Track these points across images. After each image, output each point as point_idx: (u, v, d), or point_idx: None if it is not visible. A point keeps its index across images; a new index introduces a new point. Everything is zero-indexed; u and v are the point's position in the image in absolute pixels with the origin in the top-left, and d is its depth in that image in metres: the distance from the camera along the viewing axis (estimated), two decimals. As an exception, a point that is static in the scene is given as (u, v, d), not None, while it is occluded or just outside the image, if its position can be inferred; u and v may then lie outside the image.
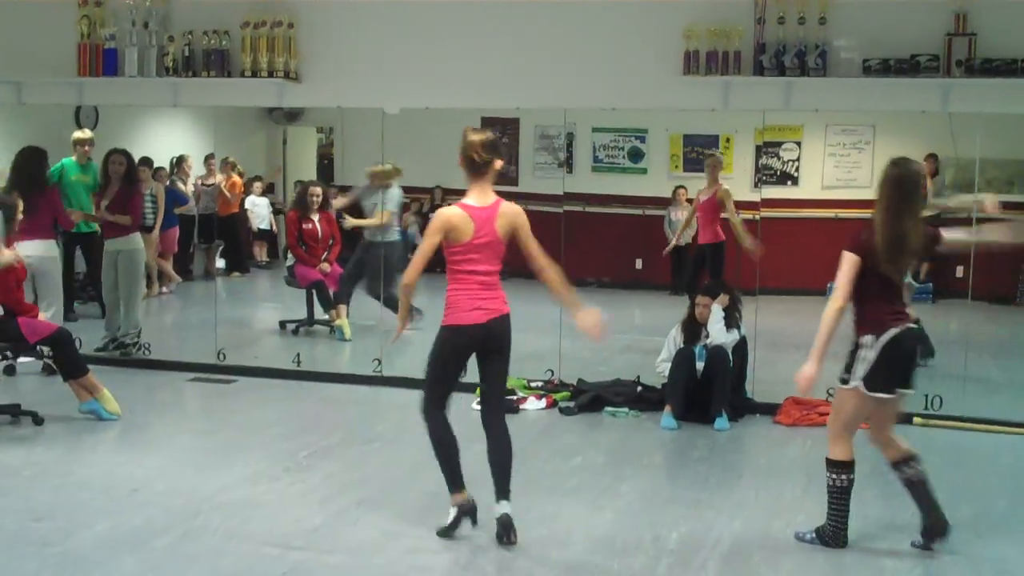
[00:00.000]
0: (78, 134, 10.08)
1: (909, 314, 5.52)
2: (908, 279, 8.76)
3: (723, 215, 9.85)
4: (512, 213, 5.55)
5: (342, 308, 10.81)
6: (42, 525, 5.65)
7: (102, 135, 10.28)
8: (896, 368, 5.37)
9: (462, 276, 5.51)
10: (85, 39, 9.71)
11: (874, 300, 5.38)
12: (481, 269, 5.49)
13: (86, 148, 9.99)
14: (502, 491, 5.53)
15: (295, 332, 11.07)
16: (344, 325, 10.68)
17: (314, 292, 10.92)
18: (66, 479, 6.49)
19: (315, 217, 10.95)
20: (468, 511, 5.59)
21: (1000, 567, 5.39)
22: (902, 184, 5.33)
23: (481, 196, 5.52)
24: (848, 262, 5.34)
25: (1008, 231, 5.66)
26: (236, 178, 13.05)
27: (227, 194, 12.87)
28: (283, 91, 9.51)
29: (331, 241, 11.04)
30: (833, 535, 5.56)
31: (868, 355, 5.34)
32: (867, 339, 5.35)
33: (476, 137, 5.51)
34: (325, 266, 10.83)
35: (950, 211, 9.26)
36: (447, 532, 5.57)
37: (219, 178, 12.77)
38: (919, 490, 5.56)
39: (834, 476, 5.50)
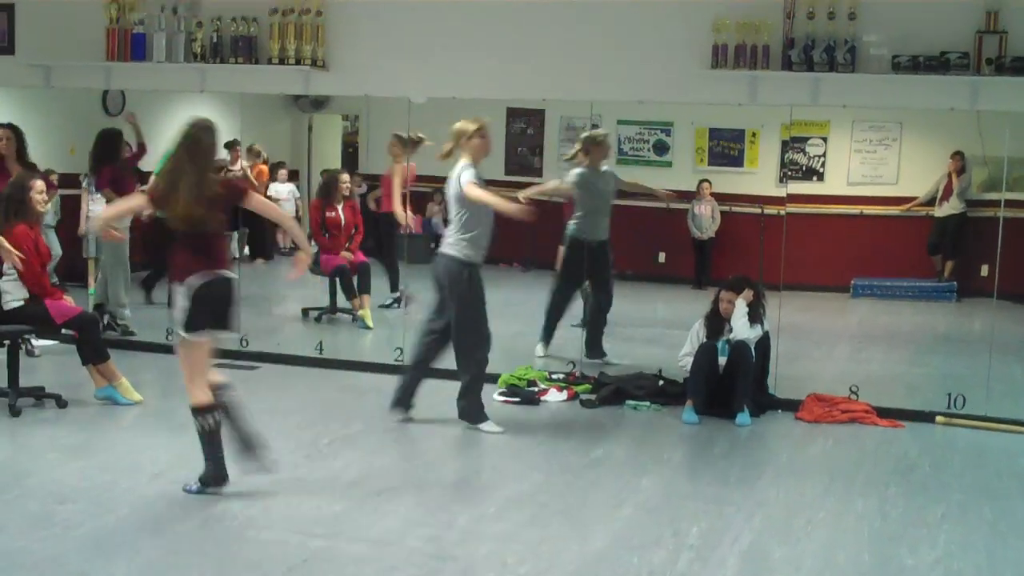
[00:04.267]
0: None
1: (223, 263, 5.91)
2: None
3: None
4: None
5: (365, 298, 10.83)
6: (65, 508, 5.69)
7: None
8: (206, 311, 5.77)
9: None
10: (114, 23, 9.71)
11: (183, 253, 5.80)
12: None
13: None
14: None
15: (318, 320, 11.11)
16: (366, 315, 10.70)
17: (337, 280, 10.95)
18: (89, 462, 6.54)
19: (339, 206, 10.99)
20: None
21: (1021, 569, 5.35)
22: (193, 145, 5.82)
23: None
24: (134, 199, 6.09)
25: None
26: (263, 165, 13.05)
27: (253, 181, 12.85)
28: (310, 78, 9.50)
29: (354, 230, 11.07)
30: (215, 476, 5.89)
31: (183, 303, 5.75)
32: (180, 289, 5.74)
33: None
34: (348, 254, 10.85)
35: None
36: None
37: (242, 164, 12.74)
38: (234, 423, 5.94)
39: (201, 420, 5.82)
